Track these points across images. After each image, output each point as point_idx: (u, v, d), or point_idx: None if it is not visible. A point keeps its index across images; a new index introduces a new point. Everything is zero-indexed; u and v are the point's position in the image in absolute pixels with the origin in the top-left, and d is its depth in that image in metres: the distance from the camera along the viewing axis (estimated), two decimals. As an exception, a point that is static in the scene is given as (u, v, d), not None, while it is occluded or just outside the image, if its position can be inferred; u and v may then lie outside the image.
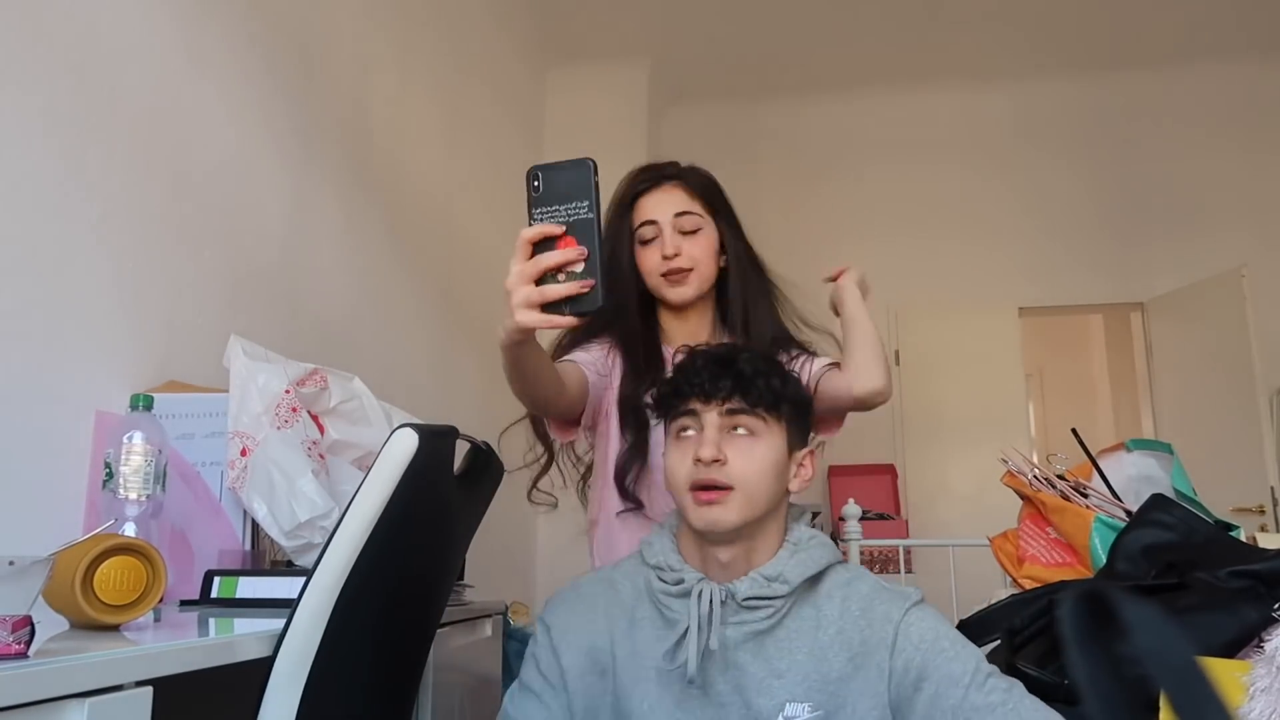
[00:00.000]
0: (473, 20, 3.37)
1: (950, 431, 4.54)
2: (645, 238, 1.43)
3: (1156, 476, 1.56)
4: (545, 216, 0.98)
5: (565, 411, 1.39)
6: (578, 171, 0.97)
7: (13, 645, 0.64)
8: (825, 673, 1.02)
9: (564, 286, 0.94)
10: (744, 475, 1.05)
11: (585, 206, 0.96)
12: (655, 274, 1.42)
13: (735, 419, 1.07)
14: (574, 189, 0.97)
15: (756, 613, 1.05)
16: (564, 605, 1.16)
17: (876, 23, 4.28)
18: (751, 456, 1.06)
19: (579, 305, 0.94)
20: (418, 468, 0.92)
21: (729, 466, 1.05)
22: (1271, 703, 0.82)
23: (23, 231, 1.28)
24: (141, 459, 1.11)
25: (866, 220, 4.81)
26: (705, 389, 1.08)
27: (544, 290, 0.95)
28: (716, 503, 1.04)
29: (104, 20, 1.46)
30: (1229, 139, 4.55)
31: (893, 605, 1.05)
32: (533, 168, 0.98)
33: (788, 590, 1.05)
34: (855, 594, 1.07)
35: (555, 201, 0.97)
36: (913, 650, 1.01)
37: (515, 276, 0.98)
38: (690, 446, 1.07)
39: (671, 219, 1.42)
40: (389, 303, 2.54)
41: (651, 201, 1.44)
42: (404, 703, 1.18)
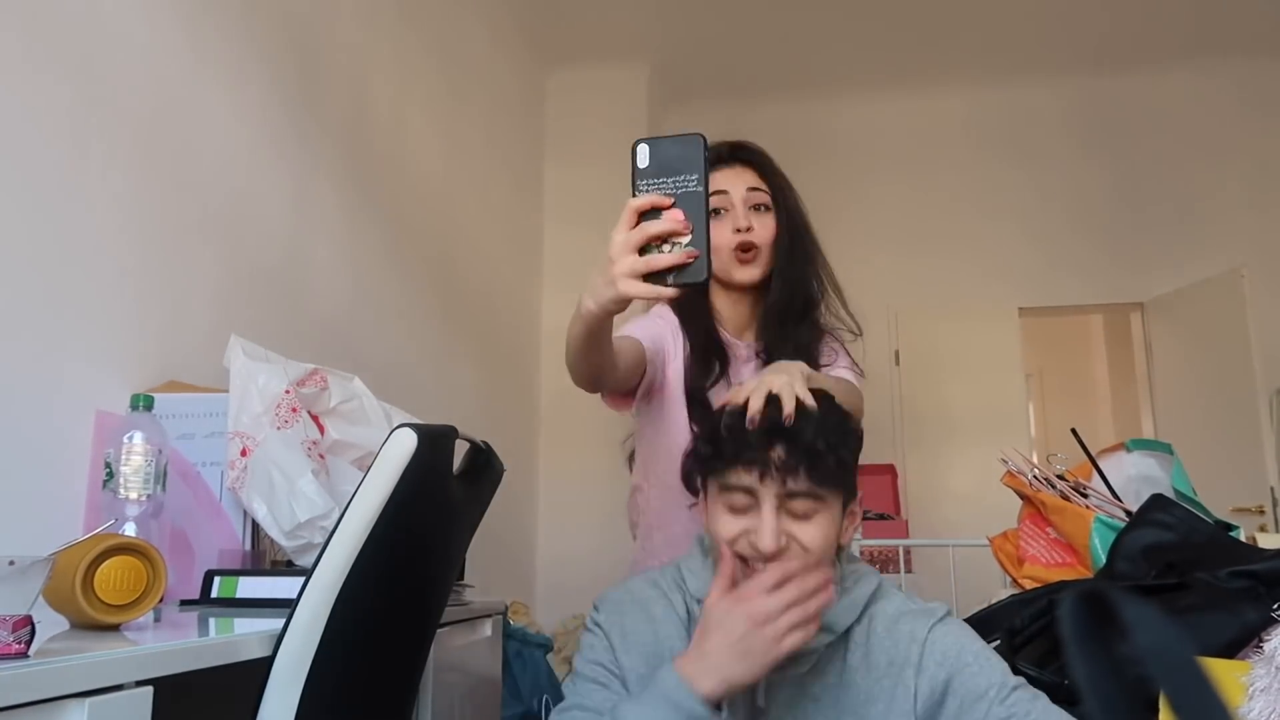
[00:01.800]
0: (473, 21, 3.37)
1: (950, 431, 4.54)
2: (714, 206, 1.37)
3: (1156, 476, 1.56)
4: (652, 188, 0.95)
5: (619, 385, 1.34)
6: (687, 145, 0.95)
7: (13, 645, 0.64)
8: (854, 695, 1.00)
9: (670, 256, 0.92)
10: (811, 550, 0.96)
11: (695, 180, 0.94)
12: (725, 249, 1.38)
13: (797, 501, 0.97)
14: (682, 162, 0.95)
15: (801, 663, 0.99)
16: (619, 608, 1.09)
17: (876, 24, 4.28)
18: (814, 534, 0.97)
19: (682, 277, 0.93)
20: (417, 468, 0.92)
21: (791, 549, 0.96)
22: (1271, 703, 0.82)
23: (23, 231, 1.28)
24: (142, 459, 1.11)
25: (867, 220, 4.81)
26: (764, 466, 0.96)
27: (650, 260, 0.93)
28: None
29: (105, 20, 1.46)
30: (1229, 139, 4.55)
31: (917, 623, 1.01)
32: (637, 141, 0.96)
33: (833, 639, 1.00)
34: (881, 614, 1.03)
35: (662, 174, 0.95)
36: (936, 667, 0.98)
37: (619, 245, 0.93)
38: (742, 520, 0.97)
39: (744, 193, 1.40)
40: (389, 303, 2.54)
41: (723, 174, 1.42)
42: (404, 702, 1.18)
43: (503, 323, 3.60)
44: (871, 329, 5.34)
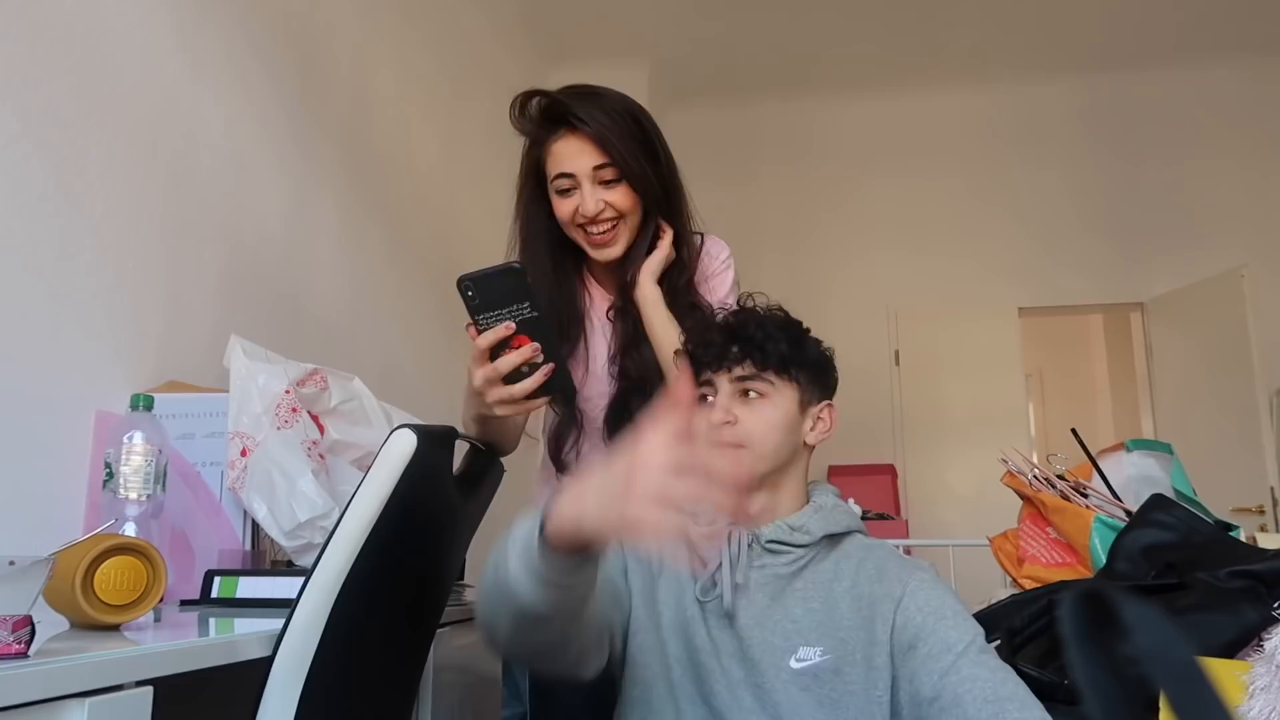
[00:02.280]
0: (472, 20, 3.37)
1: (950, 431, 4.54)
2: (561, 188, 1.40)
3: (1156, 476, 1.55)
4: (491, 321, 1.05)
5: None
6: (509, 277, 1.04)
7: (13, 645, 0.64)
8: (837, 621, 1.06)
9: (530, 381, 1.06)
10: (753, 432, 1.11)
11: (527, 307, 1.03)
12: (578, 230, 1.41)
13: (745, 384, 1.14)
14: (512, 293, 1.03)
15: (779, 557, 1.10)
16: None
17: (876, 24, 4.28)
18: (760, 416, 1.12)
19: (550, 389, 1.07)
20: (416, 468, 0.92)
21: (739, 426, 1.12)
22: (1271, 701, 0.82)
23: (23, 231, 1.28)
24: (142, 459, 1.11)
25: (867, 220, 4.81)
26: (717, 358, 1.15)
27: (513, 390, 1.06)
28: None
29: (104, 20, 1.46)
30: (1229, 139, 4.55)
31: (905, 569, 1.09)
32: (460, 278, 1.05)
33: (809, 540, 1.10)
34: (872, 556, 1.12)
35: (495, 307, 1.04)
36: (915, 610, 1.04)
37: (482, 380, 1.08)
38: (707, 411, 1.14)
39: (590, 171, 1.37)
40: (389, 303, 2.54)
41: (561, 150, 1.41)
42: (404, 702, 1.17)
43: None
44: (871, 329, 5.35)
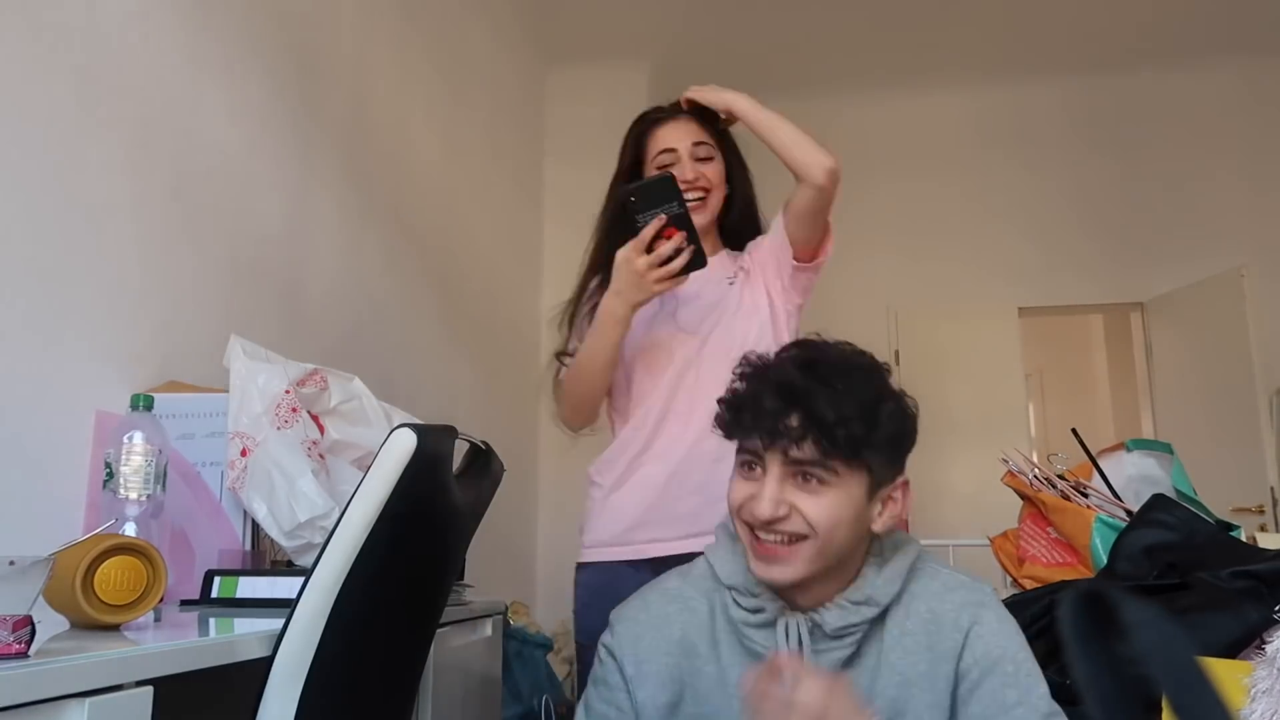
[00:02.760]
0: (472, 20, 3.37)
1: (950, 431, 4.53)
2: (664, 164, 1.53)
3: (1156, 476, 1.56)
4: (649, 218, 1.34)
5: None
6: (663, 182, 1.35)
7: (13, 645, 0.64)
8: (888, 678, 0.96)
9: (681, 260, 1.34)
10: (818, 523, 0.93)
11: (675, 204, 1.34)
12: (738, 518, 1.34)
13: (805, 469, 0.94)
14: (663, 195, 1.34)
15: (844, 640, 0.97)
16: (634, 633, 1.04)
17: (876, 24, 4.28)
18: (822, 506, 0.93)
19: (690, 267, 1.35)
20: (416, 467, 0.92)
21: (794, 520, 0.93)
22: (1272, 704, 0.82)
23: (23, 231, 1.28)
24: (142, 459, 1.11)
25: (867, 220, 4.80)
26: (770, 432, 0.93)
27: (671, 268, 1.34)
28: (779, 560, 0.94)
29: (104, 20, 1.46)
30: (1229, 139, 4.55)
31: (962, 610, 0.97)
32: (623, 188, 1.42)
33: (876, 613, 0.96)
34: (924, 591, 0.99)
35: (651, 206, 1.34)
36: (972, 662, 0.95)
37: (645, 265, 1.35)
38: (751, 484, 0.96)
39: (690, 146, 1.56)
40: (389, 302, 2.54)
41: (669, 131, 1.57)
42: (404, 703, 1.17)
43: (503, 322, 3.60)
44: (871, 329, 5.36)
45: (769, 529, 0.93)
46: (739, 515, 0.97)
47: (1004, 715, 0.91)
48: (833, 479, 0.93)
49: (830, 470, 0.93)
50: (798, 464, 0.93)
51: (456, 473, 1.15)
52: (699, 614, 1.04)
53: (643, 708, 1.01)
